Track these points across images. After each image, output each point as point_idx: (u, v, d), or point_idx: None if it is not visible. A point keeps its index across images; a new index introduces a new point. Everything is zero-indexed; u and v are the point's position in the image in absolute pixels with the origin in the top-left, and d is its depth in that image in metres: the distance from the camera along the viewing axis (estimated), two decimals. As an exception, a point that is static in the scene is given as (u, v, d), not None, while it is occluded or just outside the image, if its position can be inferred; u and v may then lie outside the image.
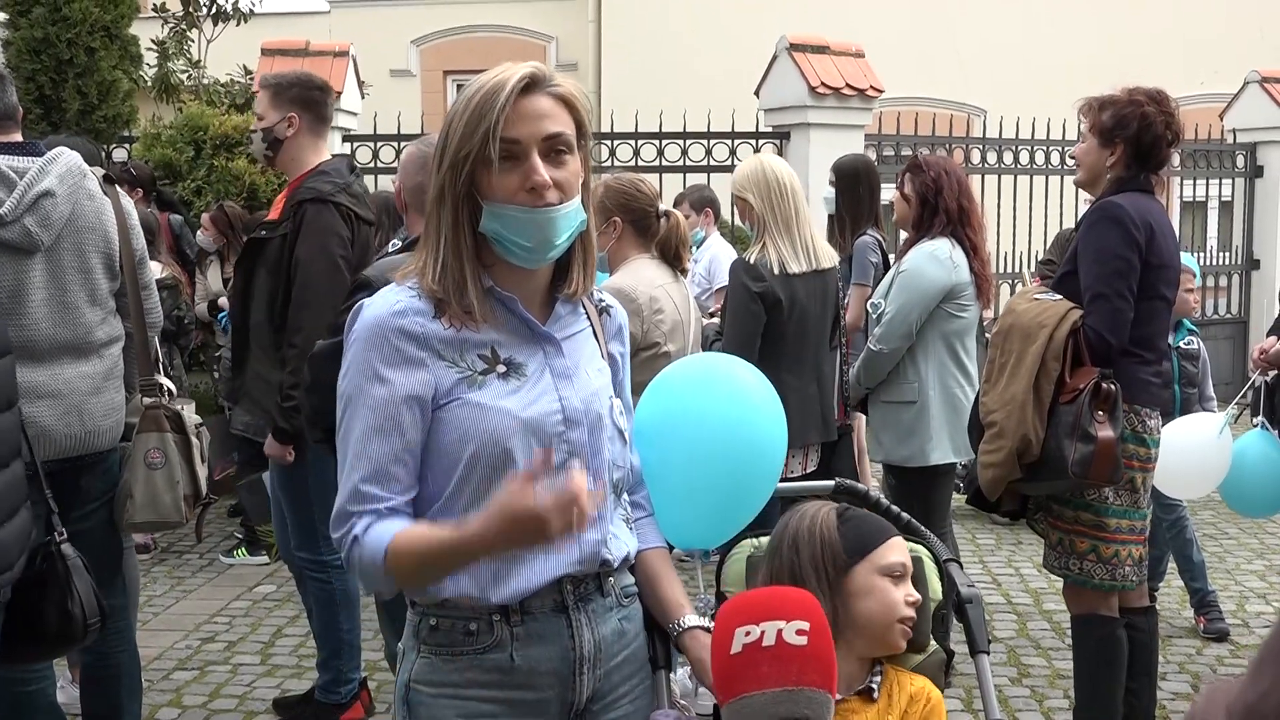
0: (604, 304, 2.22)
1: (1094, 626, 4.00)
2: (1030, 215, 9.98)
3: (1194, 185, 11.37)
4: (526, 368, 2.01)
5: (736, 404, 2.52)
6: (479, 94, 1.93)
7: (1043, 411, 3.75)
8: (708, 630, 2.15)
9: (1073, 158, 4.12)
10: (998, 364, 3.89)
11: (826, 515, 2.41)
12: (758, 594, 2.24)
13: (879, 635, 2.32)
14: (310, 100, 4.40)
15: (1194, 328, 5.71)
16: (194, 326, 7.21)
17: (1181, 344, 5.53)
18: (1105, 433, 3.68)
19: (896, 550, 2.37)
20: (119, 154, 8.54)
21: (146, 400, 3.84)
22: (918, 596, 2.34)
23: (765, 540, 2.58)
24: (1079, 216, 7.89)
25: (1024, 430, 3.74)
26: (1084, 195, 4.23)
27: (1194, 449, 4.64)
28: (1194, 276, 5.72)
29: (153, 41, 9.93)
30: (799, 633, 2.05)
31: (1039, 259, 8.73)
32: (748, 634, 2.06)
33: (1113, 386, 3.74)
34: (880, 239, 6.13)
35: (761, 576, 2.44)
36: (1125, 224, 3.78)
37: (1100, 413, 3.71)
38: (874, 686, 2.33)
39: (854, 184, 6.12)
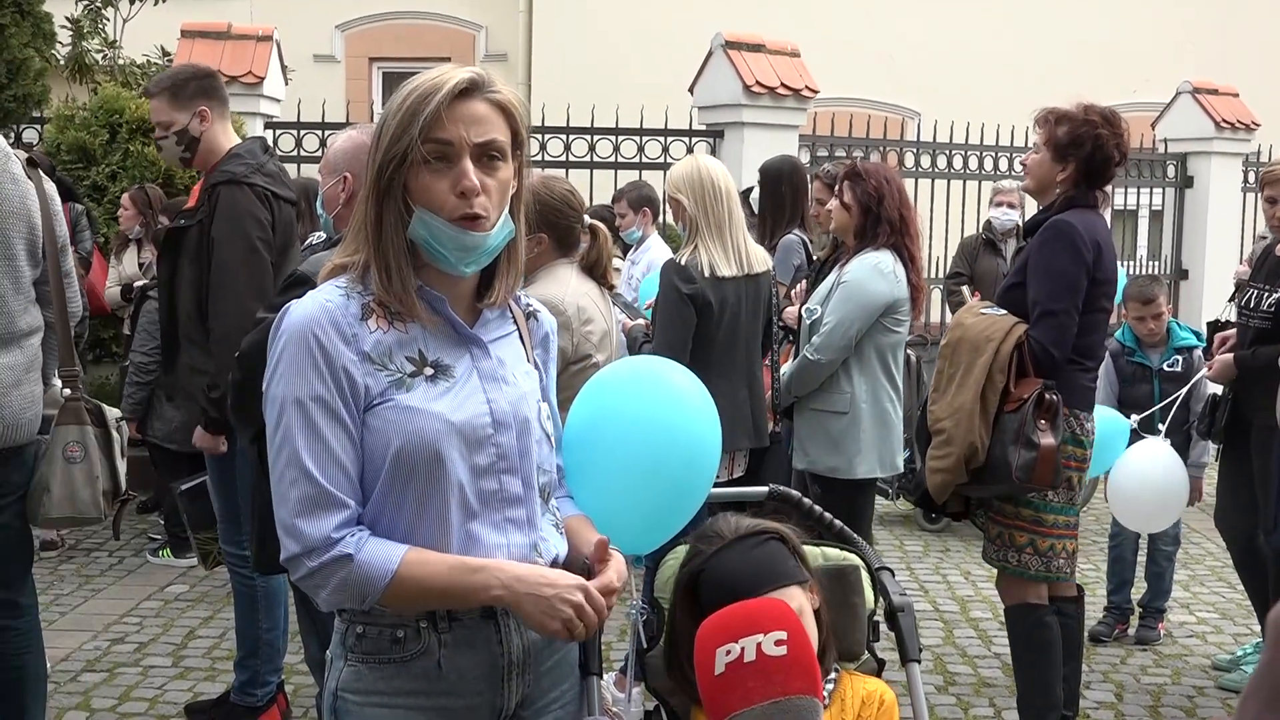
0: (531, 309, 2.21)
1: (1024, 614, 4.21)
2: (963, 220, 10.00)
3: (1124, 194, 11.47)
4: (454, 370, 1.99)
5: (671, 408, 2.47)
6: (414, 94, 1.92)
7: (988, 420, 3.95)
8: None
9: (1023, 164, 4.34)
10: (946, 375, 4.10)
11: (689, 575, 2.43)
12: (732, 611, 2.26)
13: None
14: (212, 89, 4.35)
15: (1198, 342, 5.55)
16: (88, 316, 7.00)
17: (1165, 366, 5.51)
18: (1047, 440, 3.88)
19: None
20: (29, 135, 8.26)
21: (67, 392, 3.75)
22: None
23: None
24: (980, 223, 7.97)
25: (971, 438, 3.94)
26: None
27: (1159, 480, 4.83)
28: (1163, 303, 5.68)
29: (66, 19, 9.58)
30: (778, 643, 2.12)
31: (946, 274, 8.74)
32: (728, 653, 2.13)
33: (1054, 397, 3.94)
34: (805, 240, 6.12)
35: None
36: (1077, 244, 4.00)
37: (1043, 421, 3.90)
38: (824, 693, 2.34)
39: (776, 184, 6.12)
